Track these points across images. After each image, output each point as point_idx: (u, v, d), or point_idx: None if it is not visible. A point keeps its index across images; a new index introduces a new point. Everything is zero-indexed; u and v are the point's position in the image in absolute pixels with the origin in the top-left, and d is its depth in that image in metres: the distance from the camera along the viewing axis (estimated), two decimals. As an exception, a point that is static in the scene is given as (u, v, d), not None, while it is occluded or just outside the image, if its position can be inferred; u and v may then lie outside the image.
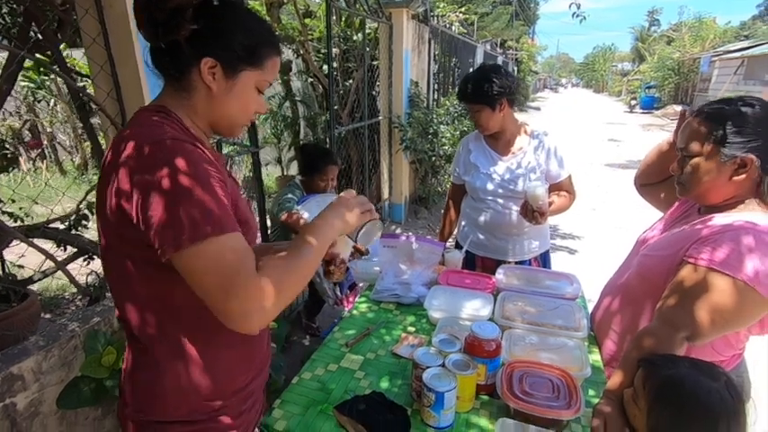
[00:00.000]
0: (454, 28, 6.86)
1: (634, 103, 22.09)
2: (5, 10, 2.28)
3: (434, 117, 4.90)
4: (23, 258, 2.16)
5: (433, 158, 4.78)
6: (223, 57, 0.75)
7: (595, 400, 1.04)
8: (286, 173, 5.42)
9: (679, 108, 1.29)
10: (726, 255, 0.94)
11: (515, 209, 1.75)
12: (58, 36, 2.00)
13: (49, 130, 6.44)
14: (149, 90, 1.67)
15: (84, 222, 2.44)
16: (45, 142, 6.51)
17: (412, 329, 1.41)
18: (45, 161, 6.48)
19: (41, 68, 3.69)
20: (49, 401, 1.41)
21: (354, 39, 4.34)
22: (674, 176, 1.11)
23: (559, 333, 1.25)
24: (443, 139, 4.83)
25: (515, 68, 18.20)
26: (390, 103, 4.48)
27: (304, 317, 2.84)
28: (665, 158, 1.25)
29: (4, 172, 2.78)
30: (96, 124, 2.92)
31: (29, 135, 6.58)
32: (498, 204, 1.81)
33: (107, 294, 1.93)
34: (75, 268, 2.13)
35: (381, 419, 0.99)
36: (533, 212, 1.59)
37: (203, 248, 0.66)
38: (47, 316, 2.76)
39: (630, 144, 10.70)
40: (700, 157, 1.02)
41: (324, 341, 1.35)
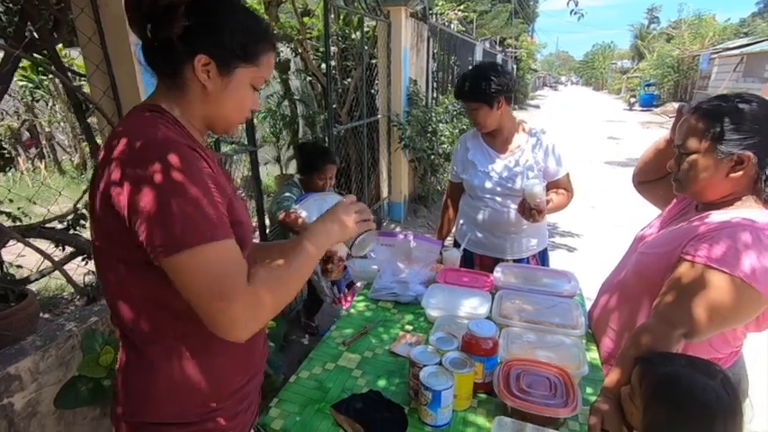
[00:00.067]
0: (453, 26, 6.85)
1: (633, 100, 22.09)
2: (1, 9, 2.28)
3: (433, 115, 4.89)
4: (23, 258, 2.16)
5: (432, 157, 4.77)
6: (217, 54, 0.73)
7: (593, 397, 1.04)
8: (285, 172, 5.42)
9: (677, 105, 1.29)
10: (723, 252, 0.94)
11: (513, 207, 1.75)
12: (54, 35, 2.00)
13: (47, 129, 6.43)
14: (146, 89, 1.66)
15: (83, 222, 2.44)
16: (44, 142, 6.50)
17: (410, 328, 1.40)
18: (44, 161, 6.47)
19: (39, 68, 3.68)
20: (46, 401, 1.40)
21: (353, 37, 4.33)
22: (672, 174, 1.10)
23: (557, 331, 1.25)
24: (442, 138, 4.82)
25: (515, 66, 18.18)
26: (389, 101, 4.47)
27: (303, 316, 2.84)
28: (662, 156, 1.24)
29: (1, 171, 2.78)
30: (94, 124, 2.91)
31: (27, 135, 6.57)
32: (496, 202, 1.81)
33: (104, 294, 1.93)
34: (73, 268, 2.12)
35: (378, 418, 0.98)
36: (531, 210, 1.59)
37: (193, 256, 0.65)
38: (45, 316, 2.75)
39: (630, 142, 10.70)
40: (697, 154, 1.02)
41: (321, 340, 1.34)
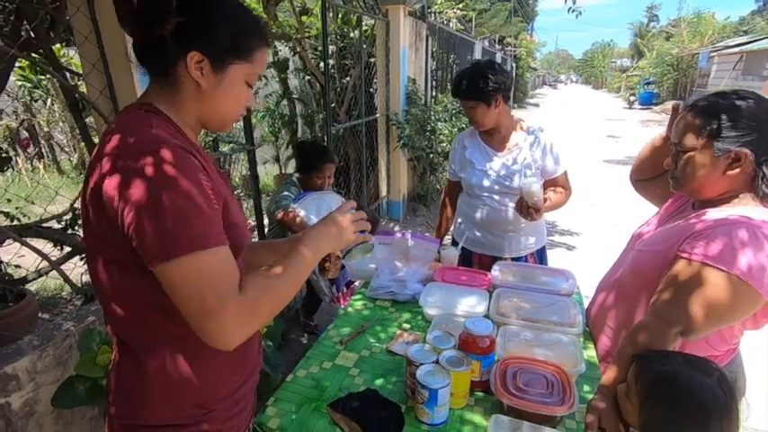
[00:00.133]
0: (452, 24, 6.84)
1: (633, 99, 22.05)
2: (-3, 8, 2.27)
3: (432, 114, 4.89)
4: (23, 258, 2.16)
5: (431, 156, 4.76)
6: (210, 50, 0.72)
7: (590, 395, 1.04)
8: (284, 171, 5.42)
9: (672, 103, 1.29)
10: (720, 249, 0.93)
11: (511, 205, 1.75)
12: (50, 34, 1.99)
13: (45, 129, 6.42)
14: (142, 87, 1.65)
15: (80, 221, 2.43)
16: (42, 142, 6.49)
17: (407, 327, 1.40)
18: (42, 161, 6.46)
19: (38, 68, 3.67)
20: (44, 401, 1.40)
21: (351, 36, 4.32)
22: (669, 171, 1.10)
23: (554, 329, 1.25)
24: (441, 137, 4.82)
25: (514, 65, 18.16)
26: (388, 100, 4.47)
27: (302, 315, 2.84)
28: (658, 153, 1.24)
29: (-1, 171, 2.77)
30: (92, 123, 2.91)
31: (26, 135, 6.57)
32: (494, 201, 1.81)
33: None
34: (70, 267, 2.12)
35: (375, 416, 0.98)
36: (529, 209, 1.59)
37: (181, 266, 0.64)
38: (44, 316, 2.75)
39: (629, 140, 10.69)
40: (694, 151, 1.01)
41: (318, 339, 1.34)
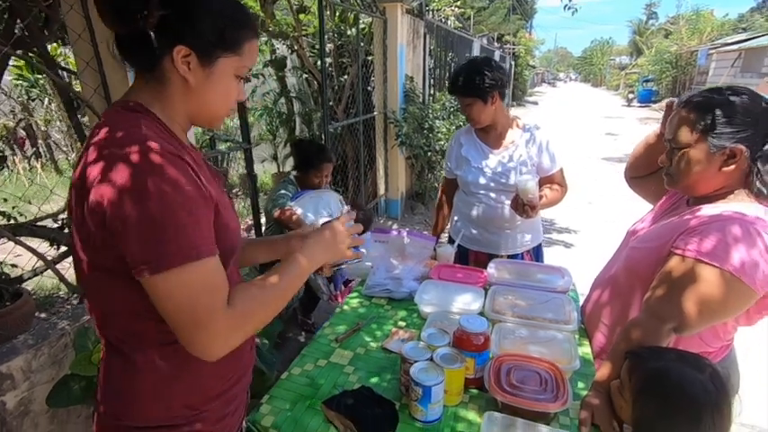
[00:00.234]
0: (450, 22, 6.83)
1: (632, 96, 22.05)
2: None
3: (430, 112, 4.88)
4: (20, 258, 2.15)
5: (429, 154, 4.76)
6: (197, 44, 0.69)
7: (585, 392, 1.04)
8: (282, 169, 5.41)
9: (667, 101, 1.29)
10: (713, 245, 0.93)
11: (507, 202, 1.74)
12: (44, 32, 1.99)
13: (43, 128, 6.40)
14: (137, 86, 1.65)
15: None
16: (40, 141, 6.48)
17: (403, 324, 1.40)
18: (40, 160, 6.45)
19: (35, 67, 3.66)
20: (39, 400, 1.40)
21: (348, 34, 4.31)
22: (663, 168, 1.10)
23: (549, 326, 1.25)
24: (439, 135, 4.81)
25: (513, 63, 18.15)
26: (385, 98, 4.46)
27: (300, 313, 2.84)
28: (652, 151, 1.24)
29: (-5, 170, 2.76)
30: (86, 122, 2.90)
31: (23, 134, 6.55)
32: (490, 198, 1.80)
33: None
34: (66, 267, 2.11)
35: (369, 414, 0.98)
36: (524, 206, 1.59)
37: (166, 279, 0.62)
38: (42, 315, 2.74)
39: (628, 138, 10.68)
40: (689, 147, 1.01)
41: (314, 337, 1.34)
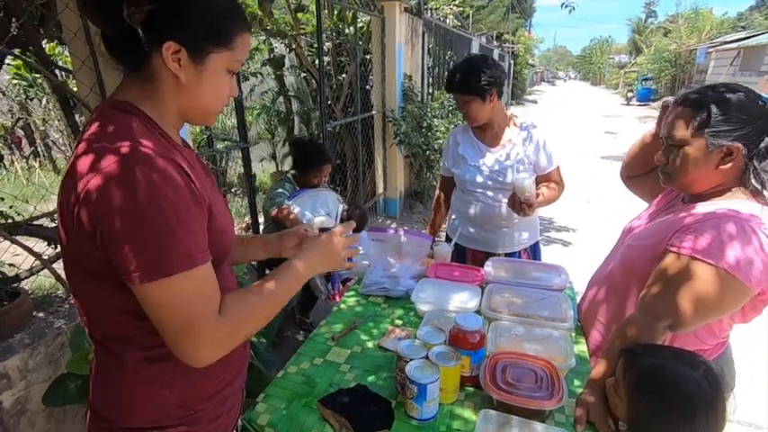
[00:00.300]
0: (449, 21, 6.82)
1: (631, 95, 22.06)
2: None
3: (428, 111, 4.88)
4: (19, 257, 2.14)
5: (428, 152, 4.76)
6: (187, 40, 0.67)
7: (581, 389, 1.04)
8: (281, 169, 5.41)
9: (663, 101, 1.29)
10: (708, 243, 0.93)
11: (504, 201, 1.74)
12: (40, 31, 1.98)
13: (41, 128, 6.39)
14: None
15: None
16: (38, 140, 6.47)
17: (399, 322, 1.40)
18: (38, 159, 6.44)
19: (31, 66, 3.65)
20: (36, 399, 1.40)
21: (347, 32, 4.30)
22: (659, 167, 1.10)
23: (545, 324, 1.25)
24: (438, 133, 4.81)
25: (512, 62, 18.13)
26: (384, 97, 4.45)
27: (298, 312, 2.84)
28: (648, 150, 1.24)
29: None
30: (83, 121, 2.90)
31: (22, 133, 6.54)
32: (487, 197, 1.80)
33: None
34: (62, 266, 2.11)
35: (365, 412, 0.98)
36: (521, 204, 1.59)
37: (162, 285, 0.62)
38: (40, 314, 2.74)
39: (627, 136, 10.68)
40: (685, 144, 1.01)
41: (310, 335, 1.34)
